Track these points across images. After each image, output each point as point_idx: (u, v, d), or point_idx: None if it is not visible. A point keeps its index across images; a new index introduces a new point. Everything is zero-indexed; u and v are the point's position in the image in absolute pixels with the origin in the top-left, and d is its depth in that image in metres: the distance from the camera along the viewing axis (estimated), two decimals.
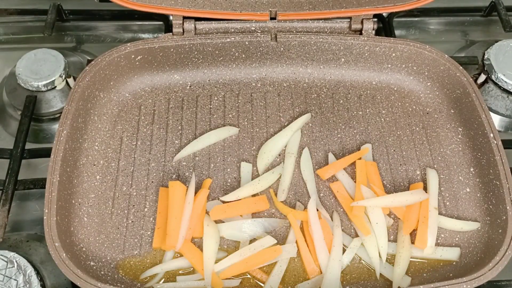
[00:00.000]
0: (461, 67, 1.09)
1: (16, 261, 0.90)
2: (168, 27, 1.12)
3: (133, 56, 1.11)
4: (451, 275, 0.92)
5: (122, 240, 0.97)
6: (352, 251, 0.95)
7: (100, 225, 0.98)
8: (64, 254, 0.87)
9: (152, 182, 1.03)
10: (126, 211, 1.00)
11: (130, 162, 1.05)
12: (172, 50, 1.12)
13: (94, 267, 0.93)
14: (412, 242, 0.96)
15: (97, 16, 1.34)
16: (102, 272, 0.93)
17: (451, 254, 0.96)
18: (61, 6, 1.30)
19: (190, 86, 1.15)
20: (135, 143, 1.08)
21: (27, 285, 0.88)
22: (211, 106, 1.13)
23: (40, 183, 1.04)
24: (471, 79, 1.08)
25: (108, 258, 0.95)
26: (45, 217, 0.90)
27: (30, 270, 0.89)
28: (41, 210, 1.03)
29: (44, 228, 0.89)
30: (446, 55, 1.11)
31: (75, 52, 1.28)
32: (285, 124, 1.10)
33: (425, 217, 0.97)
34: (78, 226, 0.97)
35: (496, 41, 1.20)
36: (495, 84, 1.16)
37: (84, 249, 0.95)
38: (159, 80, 1.15)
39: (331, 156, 1.06)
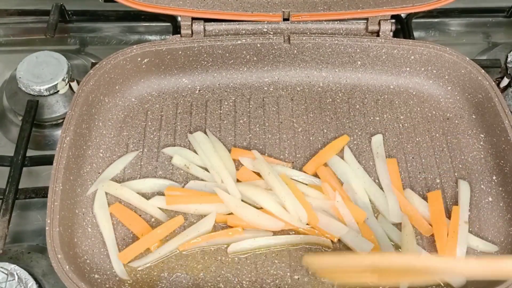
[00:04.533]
0: (483, 71, 1.06)
1: (16, 274, 0.88)
2: (176, 29, 1.11)
3: (139, 59, 1.08)
4: None
5: None
6: None
7: None
8: (67, 266, 0.85)
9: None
10: None
11: (136, 170, 1.02)
12: (180, 52, 1.10)
13: (99, 280, 0.90)
14: None
15: (102, 17, 1.32)
16: (107, 285, 0.90)
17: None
18: (64, 7, 1.28)
19: (199, 91, 1.12)
20: (141, 150, 1.05)
21: None
22: (221, 112, 1.10)
23: (42, 192, 1.02)
24: (493, 83, 1.05)
25: (114, 270, 0.92)
26: (47, 228, 0.87)
27: (31, 283, 0.88)
28: (43, 220, 1.02)
29: (46, 239, 0.86)
30: (467, 58, 1.08)
31: (79, 54, 1.27)
32: (299, 130, 1.07)
33: (454, 232, 0.93)
34: (81, 237, 0.94)
35: None
36: None
37: (88, 261, 0.92)
38: (166, 84, 1.12)
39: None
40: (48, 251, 0.86)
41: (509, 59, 1.15)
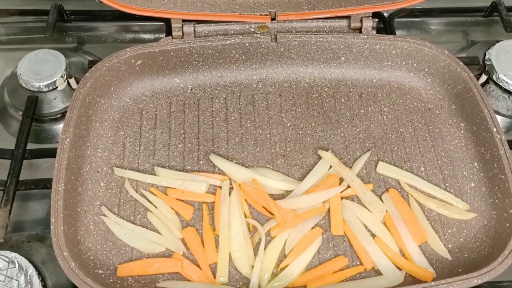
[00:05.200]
0: (461, 63, 1.09)
1: (17, 262, 0.90)
2: (169, 28, 1.12)
3: (133, 61, 1.10)
4: (460, 270, 0.92)
5: (129, 247, 0.96)
6: None
7: (106, 233, 0.98)
8: (73, 263, 0.86)
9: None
10: (132, 218, 0.99)
11: (133, 168, 1.05)
12: (172, 53, 1.12)
13: (103, 275, 0.92)
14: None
15: (98, 17, 1.34)
16: (111, 280, 0.92)
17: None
18: (62, 7, 1.30)
19: (191, 90, 1.15)
20: (138, 148, 1.07)
21: (29, 286, 0.88)
22: (213, 109, 1.12)
23: (41, 184, 1.05)
24: (472, 74, 1.08)
25: (117, 265, 0.94)
26: (52, 227, 0.89)
27: (31, 270, 0.90)
28: (42, 211, 1.05)
29: (52, 238, 0.88)
30: (446, 51, 1.11)
31: (77, 52, 1.28)
32: (288, 124, 1.10)
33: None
34: (84, 235, 0.96)
35: (497, 42, 1.21)
36: (496, 84, 1.17)
37: (92, 257, 0.94)
38: (159, 84, 1.15)
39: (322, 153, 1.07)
40: (54, 249, 0.87)
41: (486, 57, 1.19)
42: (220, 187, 1.02)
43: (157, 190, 1.02)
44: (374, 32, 1.14)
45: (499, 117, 1.16)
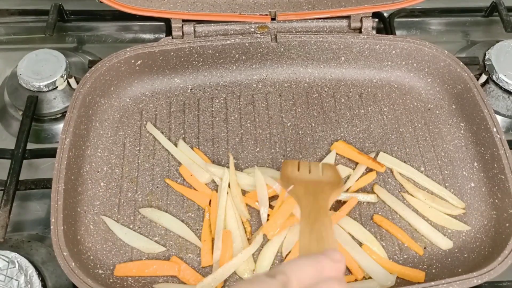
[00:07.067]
0: (461, 63, 1.09)
1: (17, 262, 0.90)
2: (169, 28, 1.12)
3: (133, 61, 1.10)
4: (460, 270, 0.92)
5: (129, 247, 0.96)
6: None
7: (106, 233, 0.97)
8: (73, 263, 0.86)
9: (157, 187, 1.02)
10: (132, 218, 0.99)
11: (134, 168, 1.05)
12: (172, 53, 1.12)
13: (103, 275, 0.92)
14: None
15: (99, 17, 1.34)
16: (111, 280, 0.92)
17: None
18: (63, 7, 1.30)
19: (191, 90, 1.15)
20: (138, 148, 1.07)
21: (29, 286, 0.88)
22: (213, 109, 1.12)
23: (41, 184, 1.04)
24: (472, 74, 1.08)
25: (117, 265, 0.94)
26: (52, 227, 0.89)
27: (31, 270, 0.89)
28: (42, 210, 1.05)
29: (52, 238, 0.88)
30: (446, 51, 1.11)
31: (77, 52, 1.28)
32: (288, 124, 1.10)
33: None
34: (84, 235, 0.96)
35: (497, 42, 1.21)
36: (496, 84, 1.16)
37: (91, 257, 0.94)
38: (159, 84, 1.14)
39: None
40: (54, 249, 0.87)
41: (486, 57, 1.18)
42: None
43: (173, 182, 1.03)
44: (374, 32, 1.15)
45: (499, 117, 1.15)
